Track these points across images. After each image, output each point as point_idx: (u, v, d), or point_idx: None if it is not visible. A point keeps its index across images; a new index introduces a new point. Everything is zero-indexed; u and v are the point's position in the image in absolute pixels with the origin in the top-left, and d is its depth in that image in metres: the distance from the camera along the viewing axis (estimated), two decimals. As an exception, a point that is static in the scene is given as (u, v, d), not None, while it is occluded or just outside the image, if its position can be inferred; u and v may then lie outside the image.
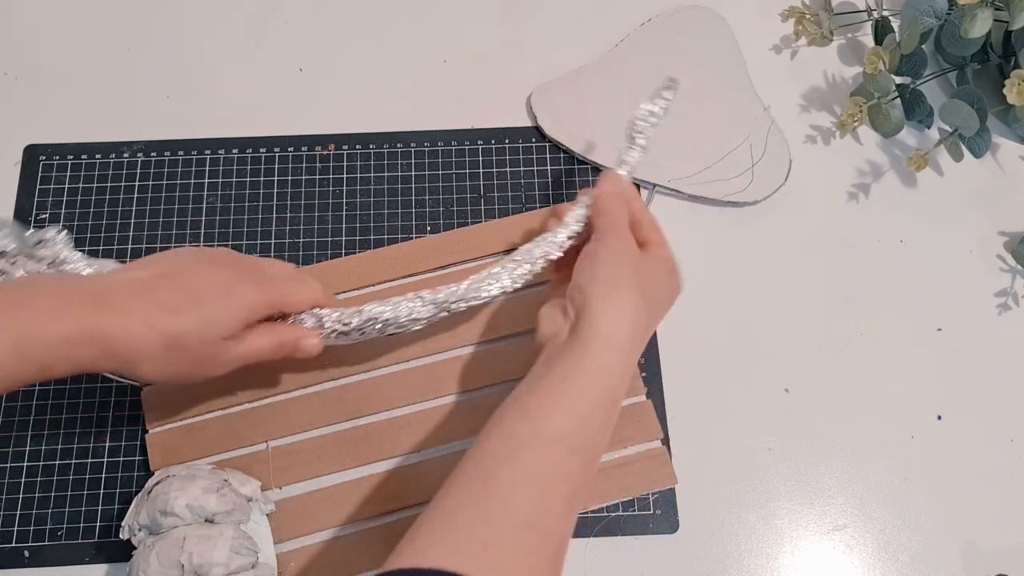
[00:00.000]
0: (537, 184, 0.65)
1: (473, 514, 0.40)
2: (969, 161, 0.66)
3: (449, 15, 0.73)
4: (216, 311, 0.47)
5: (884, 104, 0.66)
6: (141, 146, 0.66)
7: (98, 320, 0.44)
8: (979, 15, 0.59)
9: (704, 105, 0.68)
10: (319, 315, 0.52)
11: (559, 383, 0.44)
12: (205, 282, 0.47)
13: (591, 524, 0.56)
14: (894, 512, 0.57)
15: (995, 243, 0.65)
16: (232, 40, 0.71)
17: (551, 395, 0.44)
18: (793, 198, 0.66)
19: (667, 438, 0.58)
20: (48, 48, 0.70)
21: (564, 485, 0.42)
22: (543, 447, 0.42)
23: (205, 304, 0.46)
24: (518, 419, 0.43)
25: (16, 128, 0.66)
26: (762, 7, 0.73)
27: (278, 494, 0.56)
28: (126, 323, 0.44)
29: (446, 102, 0.69)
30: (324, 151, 0.66)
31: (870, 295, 0.63)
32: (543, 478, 0.42)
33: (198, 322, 0.46)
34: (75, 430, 0.58)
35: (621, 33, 0.71)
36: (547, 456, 0.42)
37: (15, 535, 0.55)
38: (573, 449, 0.43)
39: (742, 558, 0.56)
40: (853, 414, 0.60)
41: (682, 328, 0.61)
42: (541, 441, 0.42)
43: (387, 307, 0.52)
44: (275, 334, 0.50)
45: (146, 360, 0.45)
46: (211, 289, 0.47)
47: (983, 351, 0.62)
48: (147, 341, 0.45)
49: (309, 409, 0.58)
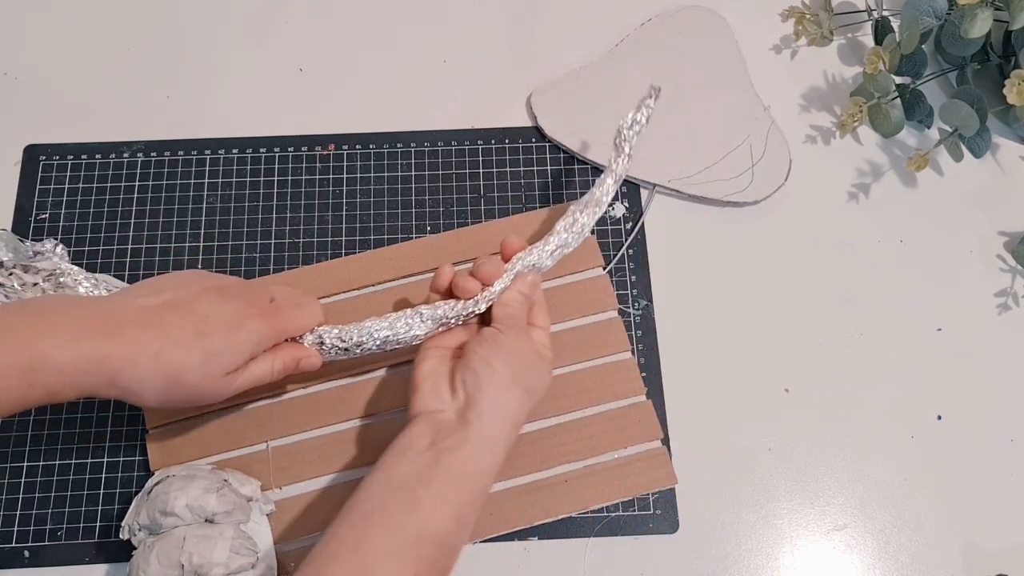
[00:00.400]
0: (537, 184, 0.65)
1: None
2: (969, 161, 0.66)
3: (449, 15, 0.73)
4: (222, 346, 0.47)
5: (884, 104, 0.66)
6: (141, 146, 0.66)
7: (108, 350, 0.44)
8: (979, 15, 0.59)
9: (704, 105, 0.68)
10: (319, 333, 0.52)
11: (448, 479, 0.45)
12: (213, 315, 0.47)
13: (591, 524, 0.56)
14: (894, 512, 0.57)
15: (995, 243, 0.65)
16: (232, 40, 0.71)
17: (441, 492, 0.45)
18: (793, 198, 0.66)
19: (667, 438, 0.58)
20: (48, 48, 0.70)
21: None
22: (426, 547, 0.44)
23: (211, 339, 0.46)
24: (407, 511, 0.44)
25: (16, 128, 0.66)
26: (762, 7, 0.73)
27: (278, 494, 0.56)
28: (134, 355, 0.44)
29: (446, 102, 0.69)
30: (324, 151, 0.66)
31: (870, 295, 0.63)
32: (418, 574, 0.43)
33: (203, 357, 0.46)
34: (75, 430, 0.58)
35: (621, 33, 0.71)
36: (427, 556, 0.44)
37: (15, 535, 0.55)
38: (446, 547, 0.45)
39: (742, 558, 0.56)
40: (853, 414, 0.60)
41: (682, 328, 0.61)
42: (425, 542, 0.44)
43: (385, 323, 0.52)
44: (276, 358, 0.50)
45: (148, 391, 0.46)
46: (219, 323, 0.47)
47: (983, 351, 0.62)
48: (152, 374, 0.45)
49: (309, 409, 0.58)
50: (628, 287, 0.62)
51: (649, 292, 0.62)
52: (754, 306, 0.63)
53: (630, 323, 0.61)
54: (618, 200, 0.65)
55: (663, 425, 0.58)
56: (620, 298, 0.62)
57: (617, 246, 0.64)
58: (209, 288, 0.49)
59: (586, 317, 0.61)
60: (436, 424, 0.47)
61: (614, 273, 0.63)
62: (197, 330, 0.46)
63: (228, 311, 0.48)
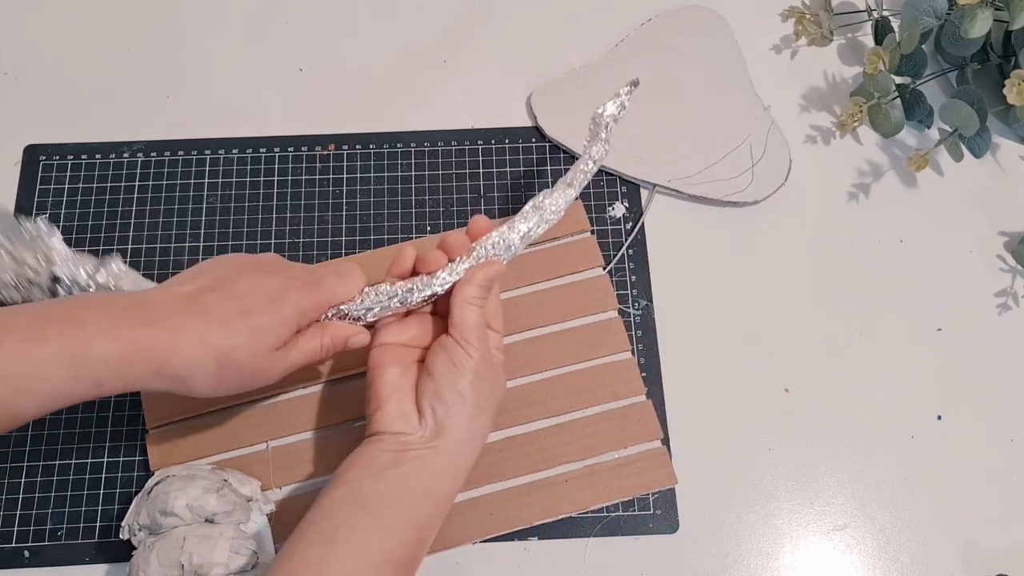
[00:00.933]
0: (537, 184, 0.65)
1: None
2: (969, 161, 0.66)
3: (449, 15, 0.73)
4: (267, 321, 0.46)
5: (884, 104, 0.66)
6: (141, 146, 0.66)
7: (151, 337, 0.43)
8: (979, 15, 0.59)
9: (704, 105, 0.68)
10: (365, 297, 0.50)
11: (415, 501, 0.46)
12: (254, 290, 0.47)
13: (591, 524, 0.56)
14: (894, 512, 0.57)
15: (995, 243, 0.65)
16: (232, 40, 0.71)
17: (407, 514, 0.45)
18: (793, 198, 0.66)
19: (667, 438, 0.58)
20: (48, 48, 0.70)
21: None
22: (390, 568, 0.44)
23: (254, 315, 0.46)
24: (373, 531, 0.44)
25: (16, 128, 0.66)
26: (762, 7, 0.73)
27: (278, 494, 0.56)
28: (178, 340, 0.44)
29: (446, 102, 0.69)
30: (324, 151, 0.66)
31: (870, 295, 0.63)
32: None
33: (248, 334, 0.45)
34: (75, 430, 0.58)
35: (621, 33, 0.71)
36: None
37: (15, 535, 0.55)
38: (409, 567, 0.45)
39: (742, 558, 0.56)
40: (853, 414, 0.60)
41: (682, 328, 0.61)
42: (390, 562, 0.44)
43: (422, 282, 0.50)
44: (325, 334, 0.49)
45: (199, 377, 0.45)
46: (260, 298, 0.46)
47: (983, 351, 0.62)
48: (200, 358, 0.44)
49: (309, 409, 0.58)
50: (628, 287, 0.62)
51: (649, 292, 0.62)
52: (754, 306, 0.63)
53: (630, 323, 0.61)
54: (618, 200, 0.65)
55: (663, 425, 0.58)
56: (620, 298, 0.62)
57: (617, 246, 0.64)
58: (246, 266, 0.48)
59: (586, 317, 0.61)
60: (400, 444, 0.47)
61: (614, 273, 0.63)
62: (239, 308, 0.45)
63: (268, 285, 0.47)
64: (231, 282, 0.47)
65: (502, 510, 0.55)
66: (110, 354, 0.42)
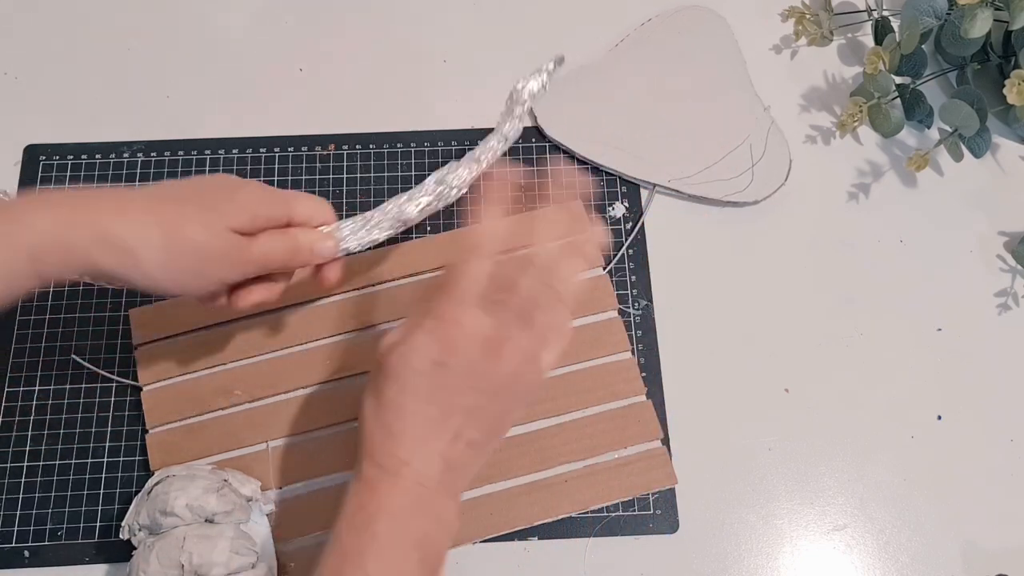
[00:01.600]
0: (537, 184, 0.65)
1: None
2: (969, 161, 0.66)
3: (449, 15, 0.73)
4: (220, 201, 0.46)
5: (884, 104, 0.66)
6: (141, 146, 0.66)
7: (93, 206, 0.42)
8: (979, 15, 0.59)
9: (704, 105, 0.68)
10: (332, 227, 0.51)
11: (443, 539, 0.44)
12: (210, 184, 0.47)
13: (591, 524, 0.56)
14: (894, 512, 0.57)
15: (995, 243, 0.65)
16: (232, 40, 0.71)
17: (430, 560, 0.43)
18: (793, 198, 0.66)
19: (667, 438, 0.58)
20: (48, 48, 0.70)
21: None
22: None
23: (207, 196, 0.46)
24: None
25: (16, 128, 0.66)
26: (762, 7, 0.73)
27: (278, 494, 0.56)
28: (123, 207, 0.43)
29: (446, 102, 0.69)
30: (324, 151, 0.66)
31: (870, 295, 0.63)
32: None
33: (198, 206, 0.44)
34: (75, 430, 0.58)
35: (621, 33, 0.71)
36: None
37: (15, 535, 0.55)
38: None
39: (742, 558, 0.56)
40: (853, 414, 0.60)
41: (682, 328, 0.61)
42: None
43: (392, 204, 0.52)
44: (289, 237, 0.49)
45: (145, 250, 0.42)
46: (215, 187, 0.47)
47: (983, 351, 0.62)
48: (146, 226, 0.42)
49: (309, 409, 0.58)
50: (628, 287, 0.62)
51: (649, 292, 0.62)
52: (754, 306, 0.63)
53: (630, 323, 0.61)
54: (618, 200, 0.65)
55: (663, 425, 0.58)
56: (620, 298, 0.62)
57: (617, 246, 0.64)
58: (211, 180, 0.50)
59: (586, 317, 0.61)
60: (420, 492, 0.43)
61: (614, 273, 0.63)
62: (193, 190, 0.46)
63: (226, 182, 0.48)
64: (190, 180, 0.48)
65: (502, 510, 0.55)
66: (46, 223, 0.41)
